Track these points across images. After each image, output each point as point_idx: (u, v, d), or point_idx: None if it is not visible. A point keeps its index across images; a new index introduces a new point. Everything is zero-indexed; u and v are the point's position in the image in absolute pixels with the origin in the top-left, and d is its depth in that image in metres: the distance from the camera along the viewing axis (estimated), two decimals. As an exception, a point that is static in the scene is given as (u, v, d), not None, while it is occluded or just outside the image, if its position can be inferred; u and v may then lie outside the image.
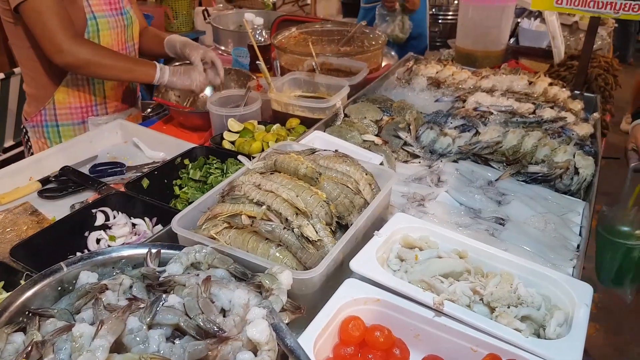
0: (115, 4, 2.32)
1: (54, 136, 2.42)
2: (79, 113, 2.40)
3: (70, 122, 2.40)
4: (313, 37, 2.79)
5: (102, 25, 2.26)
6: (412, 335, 1.23)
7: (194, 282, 1.09)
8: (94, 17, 2.23)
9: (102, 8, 2.27)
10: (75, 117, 2.40)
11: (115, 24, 2.32)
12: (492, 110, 2.27)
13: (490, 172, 1.97)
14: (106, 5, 2.29)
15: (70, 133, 2.42)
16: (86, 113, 2.41)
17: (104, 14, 2.27)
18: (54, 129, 2.41)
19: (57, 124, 2.40)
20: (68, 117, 2.39)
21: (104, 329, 0.90)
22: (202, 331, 0.99)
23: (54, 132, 2.42)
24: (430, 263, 1.36)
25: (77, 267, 1.19)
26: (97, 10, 2.25)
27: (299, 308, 1.13)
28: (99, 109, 2.44)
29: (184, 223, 1.38)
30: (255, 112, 2.24)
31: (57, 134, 2.42)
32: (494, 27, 3.31)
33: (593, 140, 2.21)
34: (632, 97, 2.73)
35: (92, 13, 2.23)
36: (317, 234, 1.29)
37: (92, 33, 2.24)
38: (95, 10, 2.24)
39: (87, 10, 2.21)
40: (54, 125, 2.40)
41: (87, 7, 2.21)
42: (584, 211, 1.81)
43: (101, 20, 2.26)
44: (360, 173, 1.53)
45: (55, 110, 2.37)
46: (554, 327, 1.18)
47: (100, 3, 2.26)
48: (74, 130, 2.42)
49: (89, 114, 2.42)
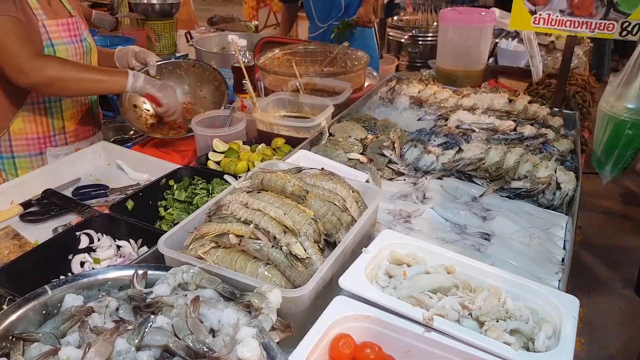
0: (74, 30, 2.27)
1: (10, 168, 2.31)
2: (36, 144, 2.31)
3: (27, 154, 2.31)
4: (296, 58, 2.82)
5: (60, 53, 2.19)
6: (403, 351, 1.23)
7: (182, 302, 1.08)
8: (52, 44, 2.17)
9: (60, 35, 2.20)
10: (32, 149, 2.30)
11: (74, 52, 2.26)
12: (474, 128, 2.31)
13: (474, 189, 1.99)
14: (65, 32, 2.23)
15: (27, 165, 2.32)
16: (44, 144, 2.32)
17: (62, 41, 2.21)
18: (9, 161, 2.30)
19: (12, 155, 2.29)
20: (24, 148, 2.29)
21: (92, 351, 0.88)
22: (191, 352, 0.97)
23: (10, 164, 2.31)
24: (418, 279, 1.36)
25: (61, 290, 1.17)
26: (55, 37, 2.18)
27: (289, 327, 1.12)
28: (57, 140, 2.35)
29: (170, 244, 1.37)
30: (240, 132, 2.25)
31: (12, 165, 2.31)
32: (474, 47, 3.40)
33: (573, 155, 2.26)
34: None
35: (50, 40, 2.16)
36: (305, 251, 1.29)
37: None
38: (53, 38, 2.18)
39: (45, 37, 2.15)
40: (9, 156, 2.29)
41: (44, 34, 2.14)
42: (567, 225, 1.83)
43: (59, 47, 2.19)
44: (347, 190, 1.53)
45: (11, 141, 2.26)
46: (543, 339, 1.19)
47: (58, 30, 2.20)
48: (30, 162, 2.32)
49: (47, 144, 2.33)
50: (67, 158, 2.26)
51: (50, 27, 2.17)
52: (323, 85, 2.63)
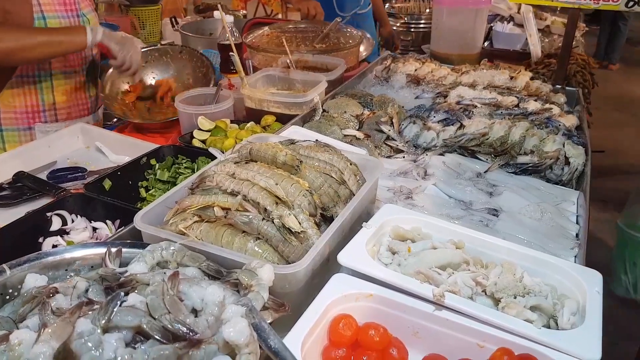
0: (70, 5, 2.14)
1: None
2: (25, 118, 2.19)
3: (15, 128, 2.19)
4: (287, 35, 2.68)
5: (51, 26, 2.06)
6: (411, 332, 1.10)
7: (159, 279, 0.94)
8: (43, 16, 2.04)
9: (54, 8, 2.08)
10: (20, 123, 2.19)
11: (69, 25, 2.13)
12: (476, 103, 2.18)
13: (478, 165, 1.88)
14: (60, 6, 2.10)
15: (15, 139, 2.21)
16: (32, 119, 2.20)
17: (56, 14, 2.08)
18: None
19: (0, 128, 2.18)
20: (12, 122, 2.18)
21: (47, 333, 0.74)
22: (169, 334, 0.83)
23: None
24: (424, 255, 1.23)
25: (22, 269, 1.03)
26: (47, 10, 2.06)
27: (282, 305, 0.99)
28: (47, 115, 2.22)
29: (148, 220, 1.22)
30: (227, 110, 2.10)
31: (0, 138, 2.20)
32: (469, 30, 3.28)
33: (580, 131, 2.14)
34: None
35: (42, 12, 2.04)
36: (300, 225, 1.15)
37: None
38: (46, 10, 2.05)
39: (36, 9, 2.03)
40: None
41: (36, 5, 2.02)
42: (578, 200, 1.71)
43: (52, 21, 2.06)
44: (345, 162, 1.40)
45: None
46: (567, 316, 1.06)
47: (52, 3, 2.07)
48: (19, 136, 2.21)
49: (35, 120, 2.20)
50: (41, 140, 2.11)
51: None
52: (315, 63, 2.50)
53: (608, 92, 6.30)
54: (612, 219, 3.34)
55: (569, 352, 0.98)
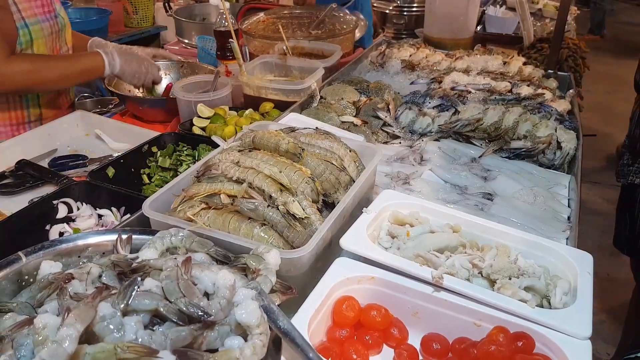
0: (47, 5, 2.07)
1: None
2: (9, 132, 2.13)
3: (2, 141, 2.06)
4: (283, 21, 2.69)
5: (35, 34, 2.01)
6: (411, 313, 1.15)
7: (172, 264, 0.98)
8: (26, 24, 1.97)
9: (33, 12, 2.00)
10: (5, 137, 2.10)
11: (49, 30, 2.07)
12: (470, 89, 2.22)
13: (473, 150, 1.92)
14: (38, 9, 2.03)
15: None
16: (18, 131, 2.14)
17: (37, 19, 2.02)
18: None
19: None
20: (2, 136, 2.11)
21: (71, 317, 0.78)
22: (184, 316, 0.87)
23: None
24: (423, 238, 1.28)
25: (37, 256, 1.06)
26: (28, 15, 1.98)
27: (290, 288, 1.03)
28: (33, 126, 2.17)
29: (155, 207, 1.26)
30: (225, 97, 2.13)
31: None
32: (461, 13, 3.29)
33: (571, 116, 2.19)
34: None
35: (23, 20, 1.97)
36: (304, 211, 1.19)
37: (25, 44, 1.99)
38: (27, 16, 1.98)
39: (17, 17, 1.95)
40: None
41: (16, 13, 1.94)
42: (570, 184, 1.77)
43: (34, 27, 2.00)
44: (345, 149, 1.44)
45: None
46: (560, 296, 1.12)
47: (31, 7, 2.00)
48: None
49: (21, 132, 2.13)
50: (41, 128, 2.12)
51: (22, 5, 1.97)
52: (311, 49, 2.51)
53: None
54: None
55: (561, 330, 1.03)
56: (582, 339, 1.02)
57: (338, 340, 1.09)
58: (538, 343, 1.03)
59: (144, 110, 2.30)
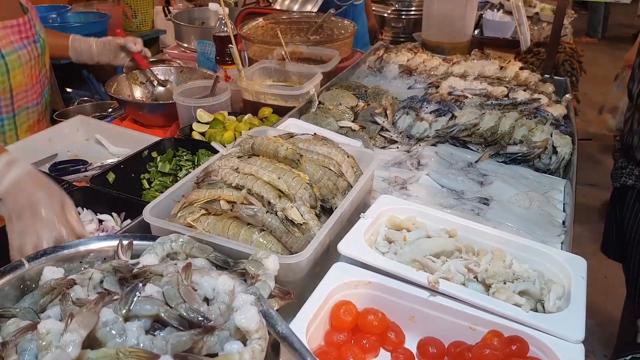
0: (26, 31, 1.97)
1: None
2: None
3: None
4: (281, 26, 2.71)
5: (12, 64, 1.92)
6: (407, 317, 1.17)
7: (172, 270, 1.00)
8: (2, 55, 1.88)
9: (10, 40, 1.90)
10: None
11: (27, 57, 1.98)
12: (467, 94, 2.24)
13: (469, 154, 1.94)
14: (15, 35, 1.93)
15: None
16: None
17: (13, 47, 1.92)
18: None
19: None
20: None
21: (75, 322, 0.80)
22: (185, 321, 0.89)
23: None
24: (420, 243, 1.30)
25: (40, 262, 1.08)
26: (4, 45, 1.88)
27: (288, 293, 1.05)
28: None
29: (156, 213, 1.28)
30: (224, 102, 2.15)
31: None
32: (459, 17, 3.32)
33: (567, 120, 2.21)
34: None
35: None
36: (302, 216, 1.21)
37: (2, 76, 1.91)
38: (3, 46, 1.88)
39: None
40: None
41: None
42: (565, 188, 1.79)
43: (11, 57, 1.91)
44: (342, 155, 1.46)
45: None
46: (554, 300, 1.14)
47: (7, 34, 1.90)
48: None
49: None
50: (41, 133, 2.13)
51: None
52: (310, 54, 2.53)
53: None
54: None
55: (555, 334, 1.05)
56: (575, 343, 1.04)
57: (336, 344, 1.11)
58: (532, 347, 1.05)
59: (143, 115, 2.32)
